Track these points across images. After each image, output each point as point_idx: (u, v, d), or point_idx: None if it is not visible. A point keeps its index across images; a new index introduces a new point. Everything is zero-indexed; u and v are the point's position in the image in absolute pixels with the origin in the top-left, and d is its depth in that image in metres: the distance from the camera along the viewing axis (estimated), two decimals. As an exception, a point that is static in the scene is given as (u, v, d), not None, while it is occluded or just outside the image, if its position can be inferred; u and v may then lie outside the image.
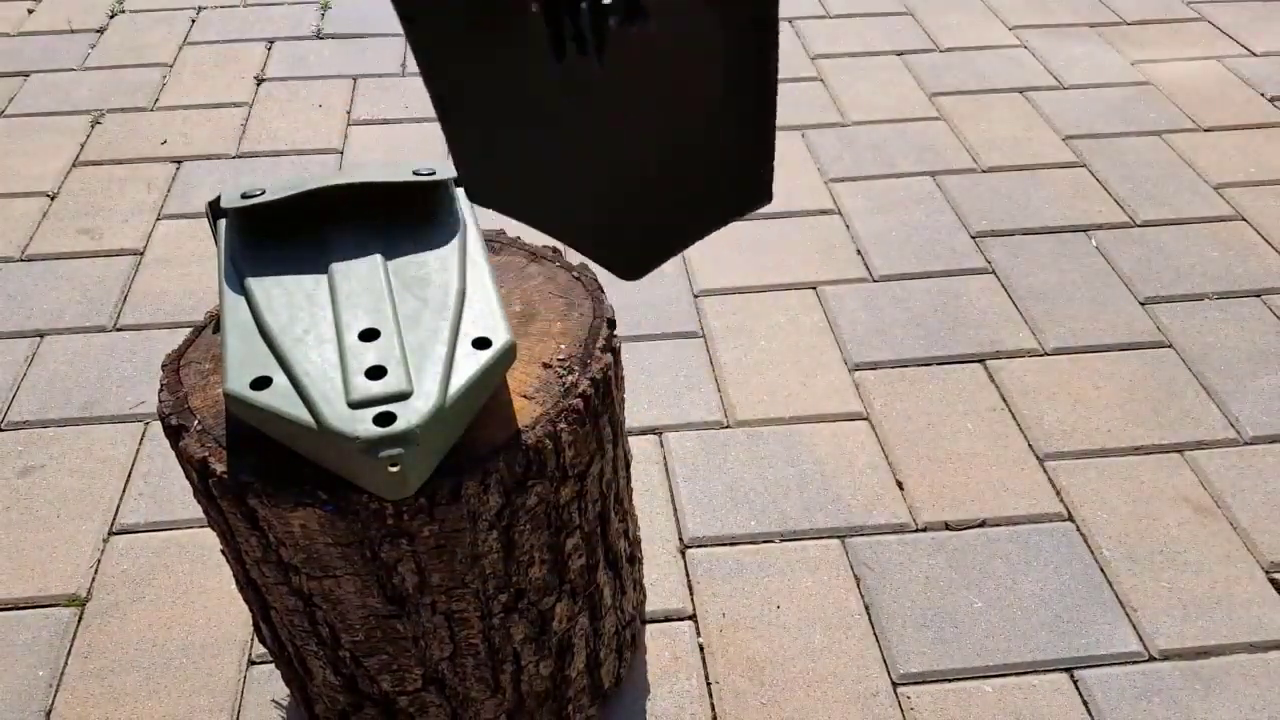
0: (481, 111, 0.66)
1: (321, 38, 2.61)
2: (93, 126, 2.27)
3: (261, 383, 0.78)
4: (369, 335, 0.81)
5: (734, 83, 0.60)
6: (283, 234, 0.92)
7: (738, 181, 0.67)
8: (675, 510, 1.46)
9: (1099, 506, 1.46)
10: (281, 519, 0.81)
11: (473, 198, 0.73)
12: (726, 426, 1.59)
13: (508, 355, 0.82)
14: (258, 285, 0.86)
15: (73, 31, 2.63)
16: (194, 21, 2.68)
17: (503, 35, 0.55)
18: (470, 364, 0.79)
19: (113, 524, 1.44)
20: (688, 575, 1.38)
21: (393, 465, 0.73)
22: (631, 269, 0.75)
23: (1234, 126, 2.29)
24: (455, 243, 0.91)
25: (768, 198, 0.67)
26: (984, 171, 2.16)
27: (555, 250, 1.07)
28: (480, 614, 0.93)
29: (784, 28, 2.65)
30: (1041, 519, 1.44)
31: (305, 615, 0.92)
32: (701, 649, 1.29)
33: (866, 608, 1.34)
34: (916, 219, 2.02)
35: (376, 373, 0.77)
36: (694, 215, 0.71)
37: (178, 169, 2.15)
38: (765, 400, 1.63)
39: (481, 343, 0.81)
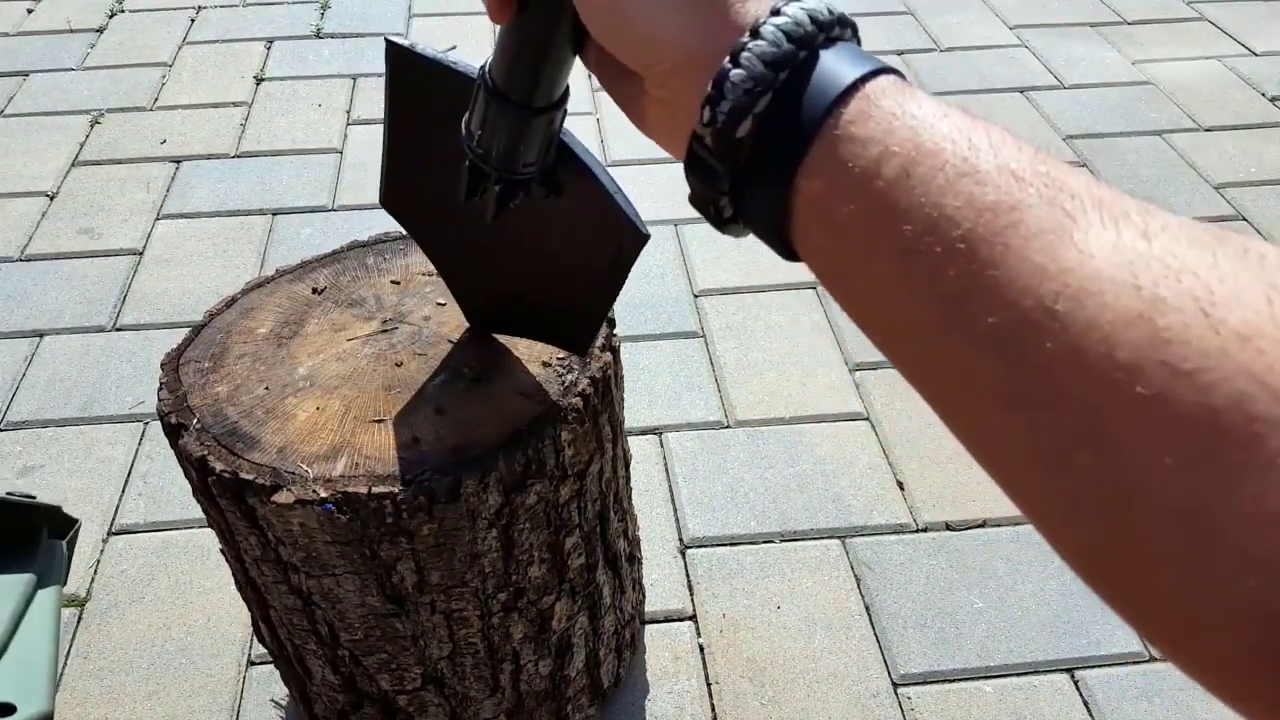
0: (420, 161, 0.78)
1: (321, 37, 2.61)
2: (92, 126, 2.27)
3: None
4: None
5: (590, 277, 0.75)
6: None
7: (566, 325, 0.85)
8: (675, 510, 1.46)
9: (1100, 506, 1.45)
10: (281, 517, 0.81)
11: (386, 205, 0.84)
12: (726, 426, 1.59)
13: None
14: None
15: (72, 31, 2.63)
16: (193, 21, 2.68)
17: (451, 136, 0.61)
18: None
19: (112, 524, 1.44)
20: (688, 575, 1.38)
21: None
22: (472, 319, 0.92)
23: (1235, 126, 2.29)
24: (26, 584, 0.81)
25: (580, 353, 0.87)
26: (984, 171, 2.15)
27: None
28: (479, 613, 0.92)
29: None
30: (1042, 519, 1.44)
31: (304, 614, 0.92)
32: (701, 649, 1.29)
33: (867, 608, 1.33)
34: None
35: None
36: (525, 320, 0.88)
37: (177, 169, 2.15)
38: (765, 400, 1.63)
39: (3, 709, 0.71)
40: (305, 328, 0.96)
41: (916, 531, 1.43)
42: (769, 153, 0.32)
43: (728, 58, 0.32)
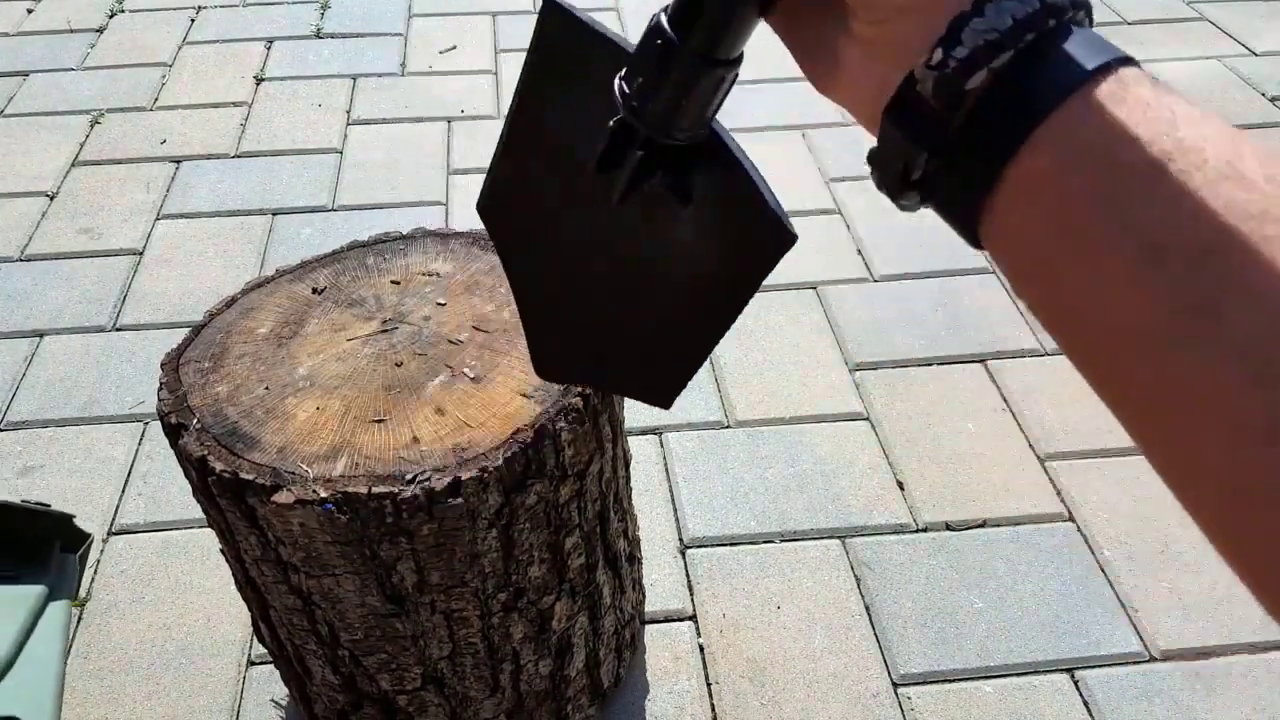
0: (541, 148, 0.67)
1: (321, 37, 2.61)
2: (92, 126, 2.27)
3: None
4: None
5: (701, 300, 0.64)
6: None
7: (653, 369, 0.72)
8: (675, 510, 1.46)
9: (1099, 506, 1.46)
10: (281, 517, 0.81)
11: (486, 205, 0.76)
12: (726, 426, 1.59)
13: None
14: None
15: (72, 31, 2.63)
16: (193, 21, 2.68)
17: (577, 109, 0.56)
18: None
19: (112, 524, 1.44)
20: (688, 575, 1.38)
21: None
22: (542, 366, 0.80)
23: (1235, 126, 2.29)
24: (36, 597, 0.80)
25: (665, 405, 0.70)
26: (984, 171, 2.15)
27: (555, 249, 1.07)
28: (479, 613, 0.92)
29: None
30: (1042, 519, 1.44)
31: (304, 614, 0.92)
32: (701, 649, 1.29)
33: (867, 608, 1.33)
34: (917, 219, 2.01)
35: None
36: (609, 365, 0.74)
37: (177, 169, 2.15)
38: (765, 400, 1.63)
39: None
40: (305, 328, 0.96)
41: (916, 531, 1.43)
42: (994, 115, 0.29)
43: (972, 2, 0.30)
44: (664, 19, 0.45)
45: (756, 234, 0.58)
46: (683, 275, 0.64)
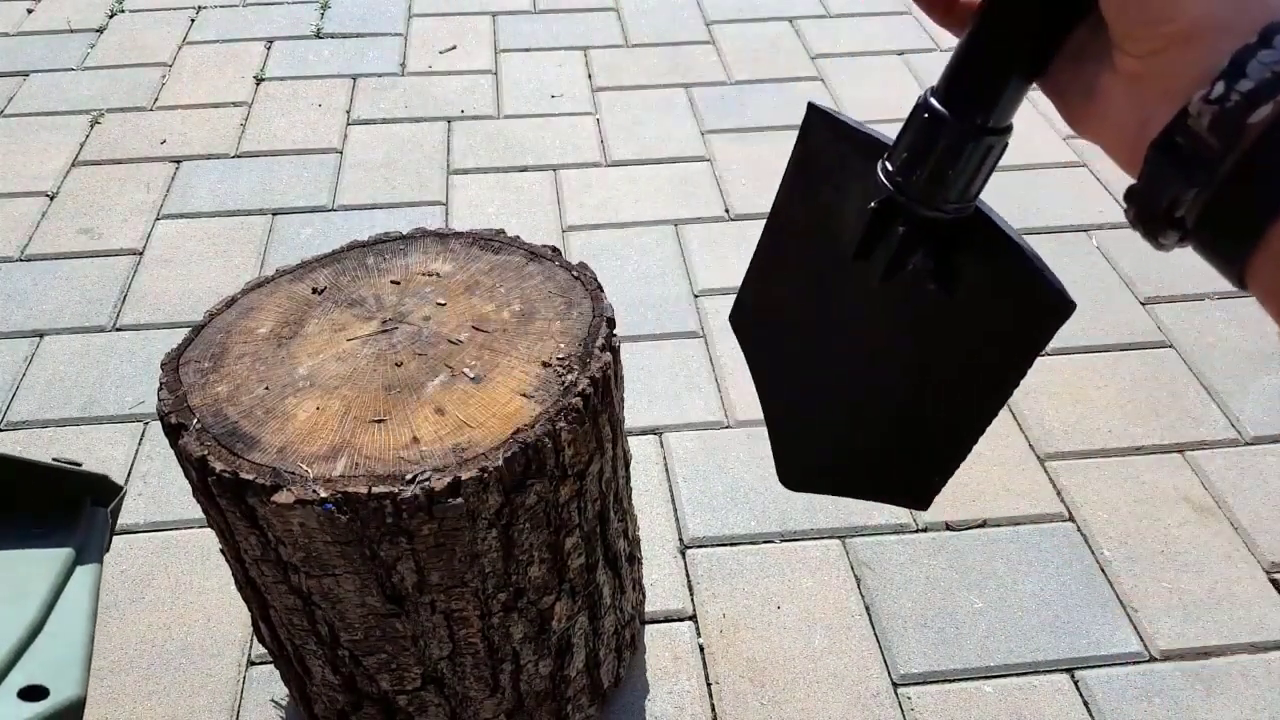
0: (799, 250, 0.67)
1: (321, 37, 2.61)
2: (92, 126, 2.27)
3: None
4: None
5: (966, 384, 0.61)
6: None
7: (906, 469, 0.67)
8: (675, 510, 1.46)
9: (1099, 506, 1.46)
10: (281, 517, 0.81)
11: (738, 315, 0.74)
12: (726, 426, 1.59)
13: (68, 713, 0.68)
14: None
15: (72, 31, 2.63)
16: (193, 21, 2.68)
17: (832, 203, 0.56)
18: None
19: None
20: (688, 575, 1.38)
21: None
22: (788, 475, 0.74)
23: None
24: (65, 558, 0.78)
25: (924, 506, 0.64)
26: (984, 171, 2.15)
27: (554, 250, 1.07)
28: (479, 613, 0.92)
29: (784, 27, 2.65)
30: (1042, 519, 1.44)
31: (304, 614, 0.92)
32: (701, 649, 1.29)
33: (867, 608, 1.33)
34: (917, 219, 2.01)
35: None
36: (861, 469, 0.71)
37: (177, 169, 2.15)
38: (765, 400, 1.63)
39: (35, 693, 0.67)
40: (305, 328, 0.96)
41: (916, 531, 1.43)
42: (1277, 150, 0.29)
43: (1256, 35, 0.29)
44: (931, 97, 0.46)
45: (1031, 306, 0.54)
46: (946, 361, 0.60)
